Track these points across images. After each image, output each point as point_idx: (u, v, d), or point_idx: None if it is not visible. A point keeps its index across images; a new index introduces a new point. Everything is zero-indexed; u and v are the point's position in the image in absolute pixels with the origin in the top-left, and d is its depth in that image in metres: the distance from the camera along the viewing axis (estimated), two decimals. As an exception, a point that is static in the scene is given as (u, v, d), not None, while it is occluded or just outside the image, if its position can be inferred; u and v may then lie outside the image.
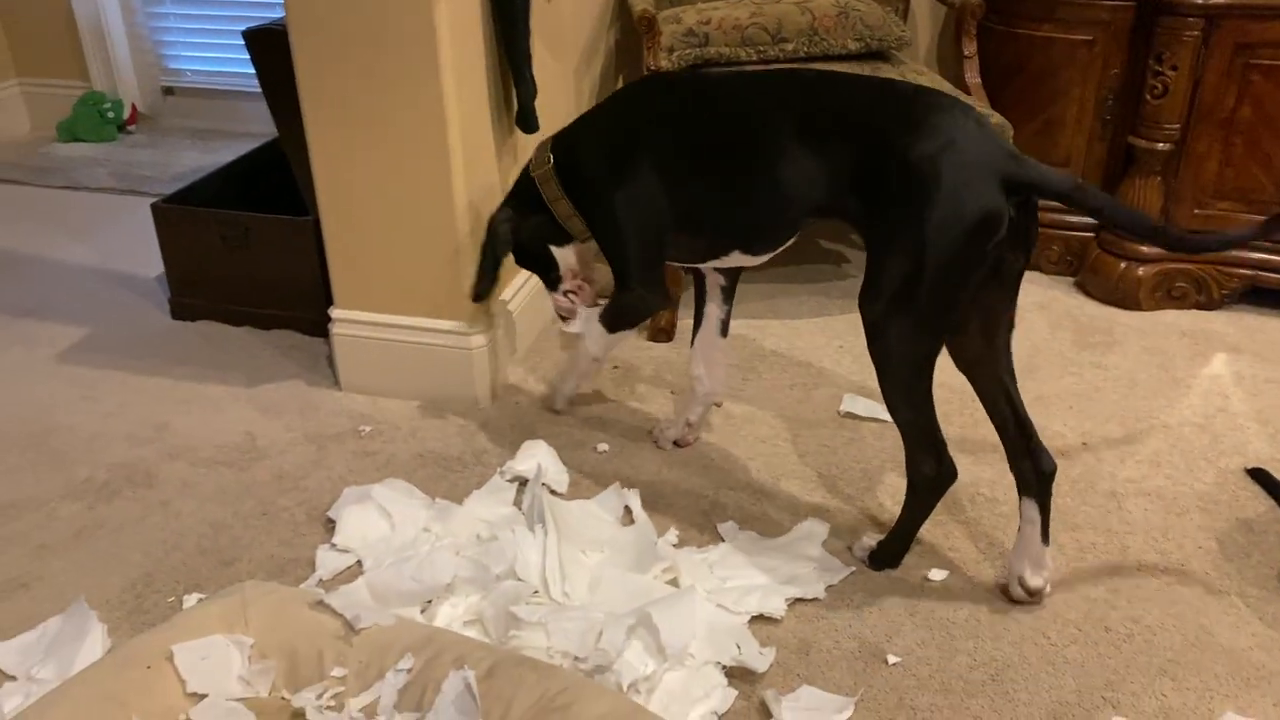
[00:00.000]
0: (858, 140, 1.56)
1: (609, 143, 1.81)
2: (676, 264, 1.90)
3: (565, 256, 1.99)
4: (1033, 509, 1.65)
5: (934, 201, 1.47)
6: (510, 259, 2.01)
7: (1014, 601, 1.67)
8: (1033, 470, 1.65)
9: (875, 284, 1.57)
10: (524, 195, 1.94)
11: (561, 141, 1.89)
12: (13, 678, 1.54)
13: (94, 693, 1.25)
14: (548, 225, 1.93)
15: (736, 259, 1.79)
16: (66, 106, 3.85)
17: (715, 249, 1.78)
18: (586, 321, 1.99)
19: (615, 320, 1.92)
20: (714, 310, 1.98)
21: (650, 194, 1.75)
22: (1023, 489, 1.66)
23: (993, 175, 1.47)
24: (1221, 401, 2.18)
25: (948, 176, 1.47)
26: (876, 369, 1.63)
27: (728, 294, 1.97)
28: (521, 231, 1.96)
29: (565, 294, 2.03)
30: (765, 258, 1.78)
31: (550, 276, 2.03)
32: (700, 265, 1.87)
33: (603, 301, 1.98)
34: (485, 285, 1.99)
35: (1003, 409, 1.66)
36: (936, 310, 1.54)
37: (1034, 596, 1.66)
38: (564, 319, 2.06)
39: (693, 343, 2.02)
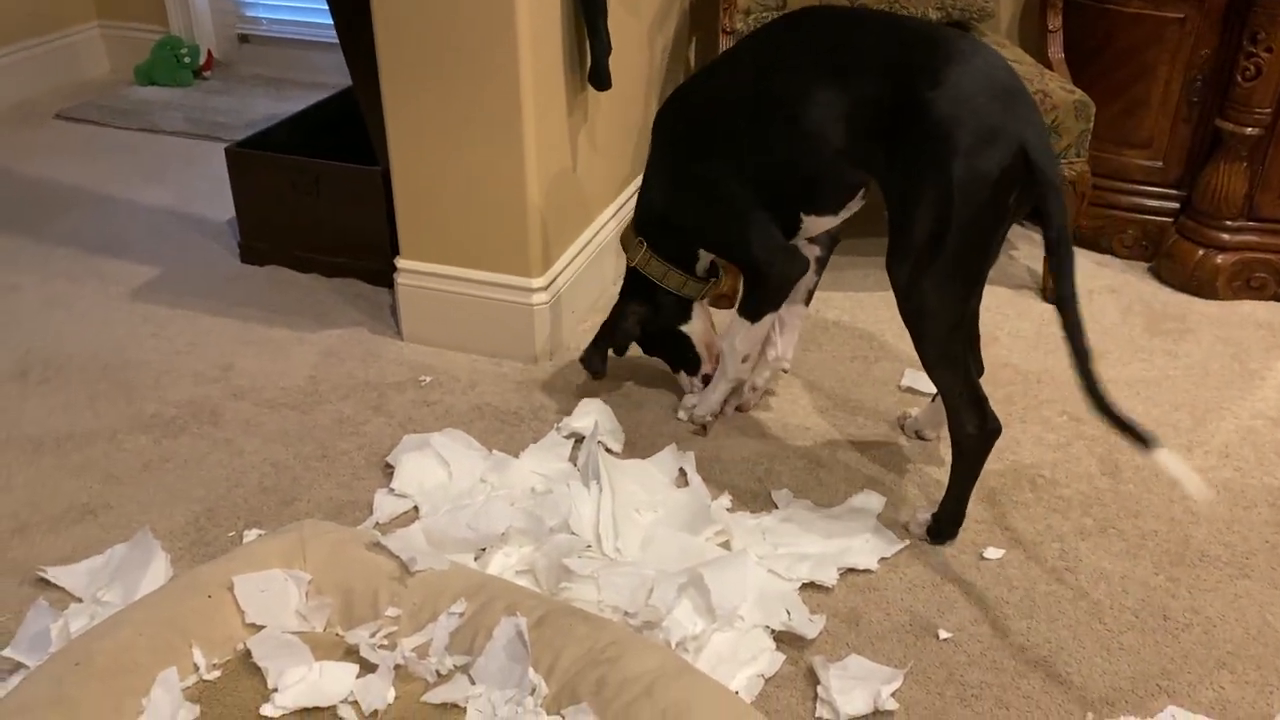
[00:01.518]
0: (878, 85, 1.53)
1: (672, 176, 1.83)
2: None
3: (695, 329, 2.00)
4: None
5: (955, 158, 1.46)
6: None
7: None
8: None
9: (899, 244, 1.56)
10: (638, 288, 1.96)
11: (640, 221, 1.92)
12: (79, 599, 1.59)
13: (157, 617, 1.28)
14: (673, 305, 1.95)
15: (811, 223, 1.76)
16: (144, 50, 3.90)
17: (790, 219, 1.76)
18: (729, 335, 1.92)
19: (759, 307, 1.85)
20: (805, 280, 1.94)
21: (725, 185, 1.75)
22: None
23: (1012, 135, 1.46)
24: (1297, 396, 2.13)
25: (968, 132, 1.45)
26: (911, 331, 1.62)
27: (821, 264, 1.95)
28: (650, 322, 1.99)
29: (703, 378, 2.02)
30: (835, 218, 1.76)
31: (687, 359, 2.02)
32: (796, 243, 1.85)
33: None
34: (598, 364, 2.02)
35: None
36: (967, 266, 1.54)
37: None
38: (685, 409, 2.05)
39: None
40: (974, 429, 1.64)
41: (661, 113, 1.86)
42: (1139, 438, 1.41)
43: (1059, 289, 1.49)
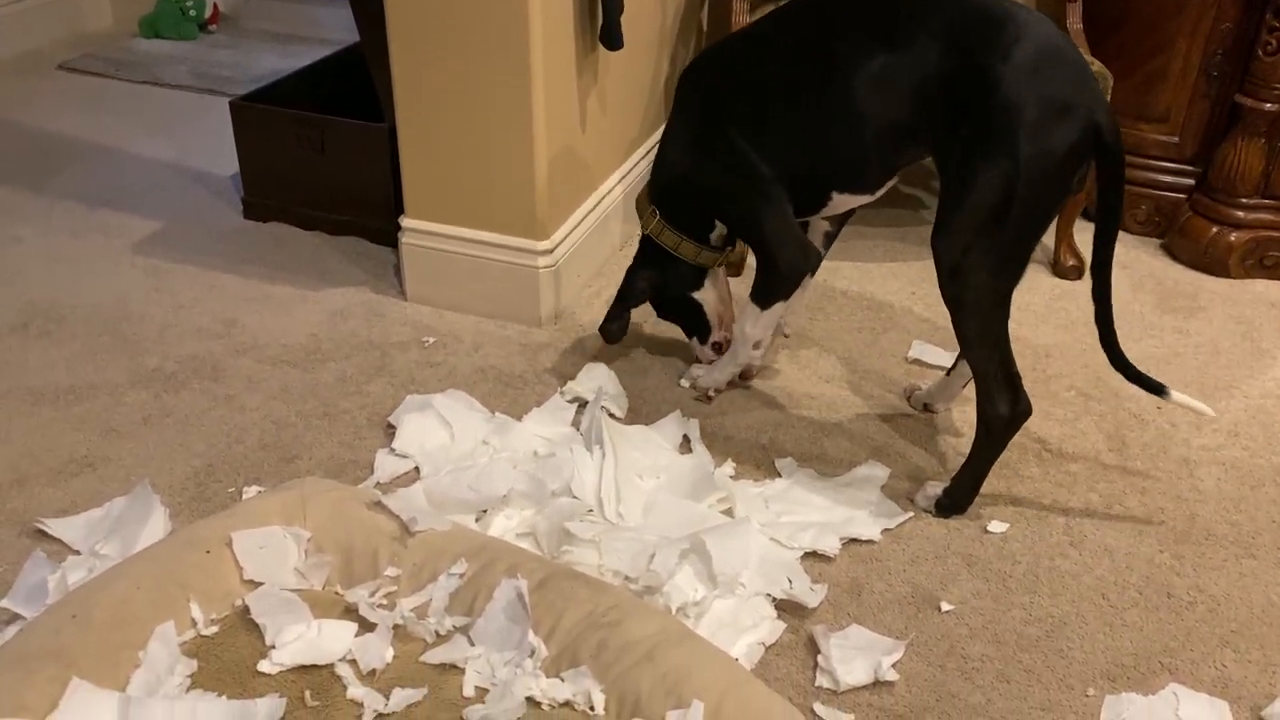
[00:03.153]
0: (941, 58, 1.49)
1: (693, 142, 1.78)
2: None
3: (707, 298, 1.97)
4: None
5: (1022, 135, 1.43)
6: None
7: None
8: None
9: (953, 220, 1.52)
10: (650, 255, 1.93)
11: (655, 187, 1.88)
12: (77, 552, 1.58)
13: (155, 571, 1.28)
14: (686, 273, 1.93)
15: (840, 201, 1.73)
16: (149, 2, 3.85)
17: (818, 196, 1.72)
18: (741, 320, 1.90)
19: (769, 295, 1.82)
20: None
21: (748, 159, 1.70)
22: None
23: (1083, 111, 1.44)
24: (1307, 376, 2.11)
25: (1036, 108, 1.43)
26: (952, 310, 1.59)
27: (830, 239, 1.92)
28: (662, 288, 1.95)
29: (713, 345, 2.00)
30: (867, 197, 1.72)
31: (698, 325, 2.00)
32: (811, 219, 1.82)
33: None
34: (616, 329, 1.98)
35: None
36: (1020, 245, 1.52)
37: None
38: (689, 378, 2.03)
39: None
40: (1005, 410, 1.62)
41: (688, 73, 1.81)
42: (1155, 387, 1.65)
43: (1100, 259, 1.56)
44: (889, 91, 1.54)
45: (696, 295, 1.96)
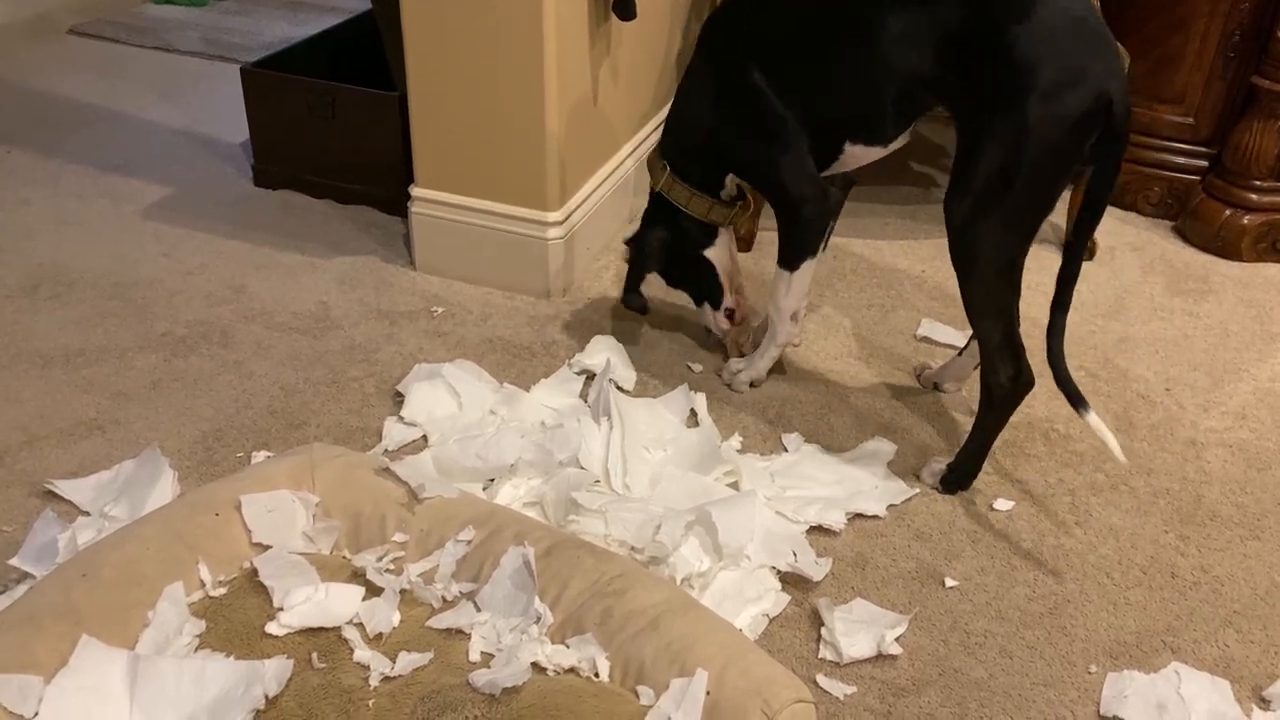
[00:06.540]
0: (963, 13, 1.47)
1: (714, 87, 1.74)
2: None
3: (719, 257, 1.94)
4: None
5: (1034, 97, 1.43)
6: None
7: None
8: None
9: (965, 180, 1.52)
10: (660, 214, 1.91)
11: (667, 139, 1.87)
12: (86, 513, 1.59)
13: (164, 533, 1.28)
14: (695, 231, 1.90)
15: (852, 154, 1.70)
16: (161, -32, 3.84)
17: (832, 147, 1.70)
18: (780, 295, 1.86)
19: (796, 252, 1.80)
20: None
21: (769, 100, 1.67)
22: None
23: (1097, 79, 1.43)
24: (1317, 360, 2.10)
25: (1050, 71, 1.42)
26: (959, 272, 1.59)
27: (837, 208, 1.90)
28: (673, 247, 1.92)
29: (725, 311, 1.97)
30: (880, 150, 1.70)
31: (710, 289, 1.96)
32: (824, 174, 1.80)
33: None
34: (638, 300, 1.96)
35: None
36: (1029, 210, 1.52)
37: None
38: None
39: None
40: (1007, 380, 1.62)
41: (713, 18, 1.77)
42: (1075, 400, 1.58)
43: (1078, 240, 1.54)
44: (912, 44, 1.52)
45: (708, 254, 1.93)
